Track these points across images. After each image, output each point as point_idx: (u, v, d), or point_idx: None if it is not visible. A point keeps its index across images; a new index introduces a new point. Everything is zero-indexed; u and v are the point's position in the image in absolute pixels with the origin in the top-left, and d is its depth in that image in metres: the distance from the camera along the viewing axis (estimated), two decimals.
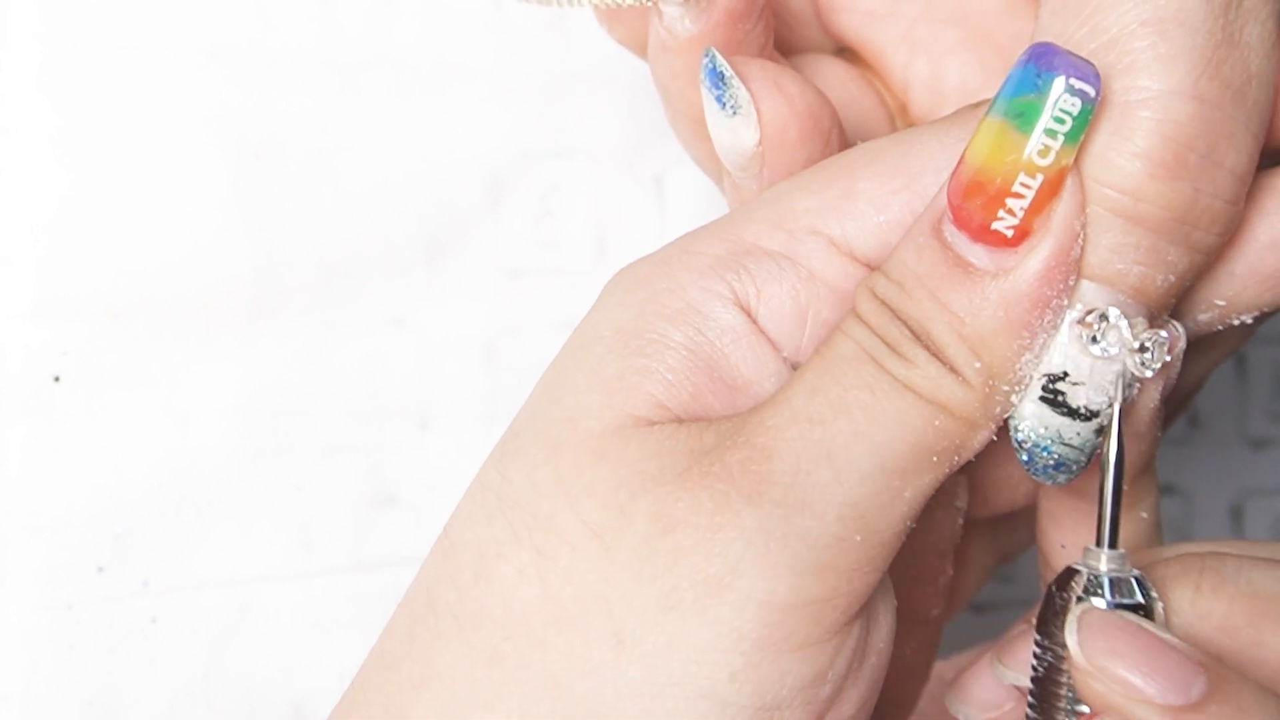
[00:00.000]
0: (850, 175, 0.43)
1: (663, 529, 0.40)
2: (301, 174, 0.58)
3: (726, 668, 0.40)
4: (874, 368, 0.41)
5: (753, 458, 0.40)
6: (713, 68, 0.45)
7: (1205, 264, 0.42)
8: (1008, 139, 0.40)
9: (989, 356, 0.41)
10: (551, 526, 0.41)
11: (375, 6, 0.58)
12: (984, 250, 0.40)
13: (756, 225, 0.43)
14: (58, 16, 0.55)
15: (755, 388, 0.42)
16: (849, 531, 0.40)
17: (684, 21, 0.46)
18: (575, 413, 0.42)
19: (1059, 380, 0.41)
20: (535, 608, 0.41)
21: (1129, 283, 0.41)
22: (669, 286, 0.43)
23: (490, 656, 0.41)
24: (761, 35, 0.47)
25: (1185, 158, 0.40)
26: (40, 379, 0.55)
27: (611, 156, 0.61)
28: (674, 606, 0.40)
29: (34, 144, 0.55)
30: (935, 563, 0.49)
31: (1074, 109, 0.40)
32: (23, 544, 0.55)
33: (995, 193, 0.40)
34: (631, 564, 0.40)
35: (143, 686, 0.57)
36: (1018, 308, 0.41)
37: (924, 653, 0.51)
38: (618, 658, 0.40)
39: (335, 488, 0.59)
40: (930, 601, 0.50)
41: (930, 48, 0.50)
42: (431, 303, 0.59)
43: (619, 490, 0.41)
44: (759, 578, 0.40)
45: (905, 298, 0.41)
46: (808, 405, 0.41)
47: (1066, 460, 0.42)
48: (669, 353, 0.42)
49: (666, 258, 0.43)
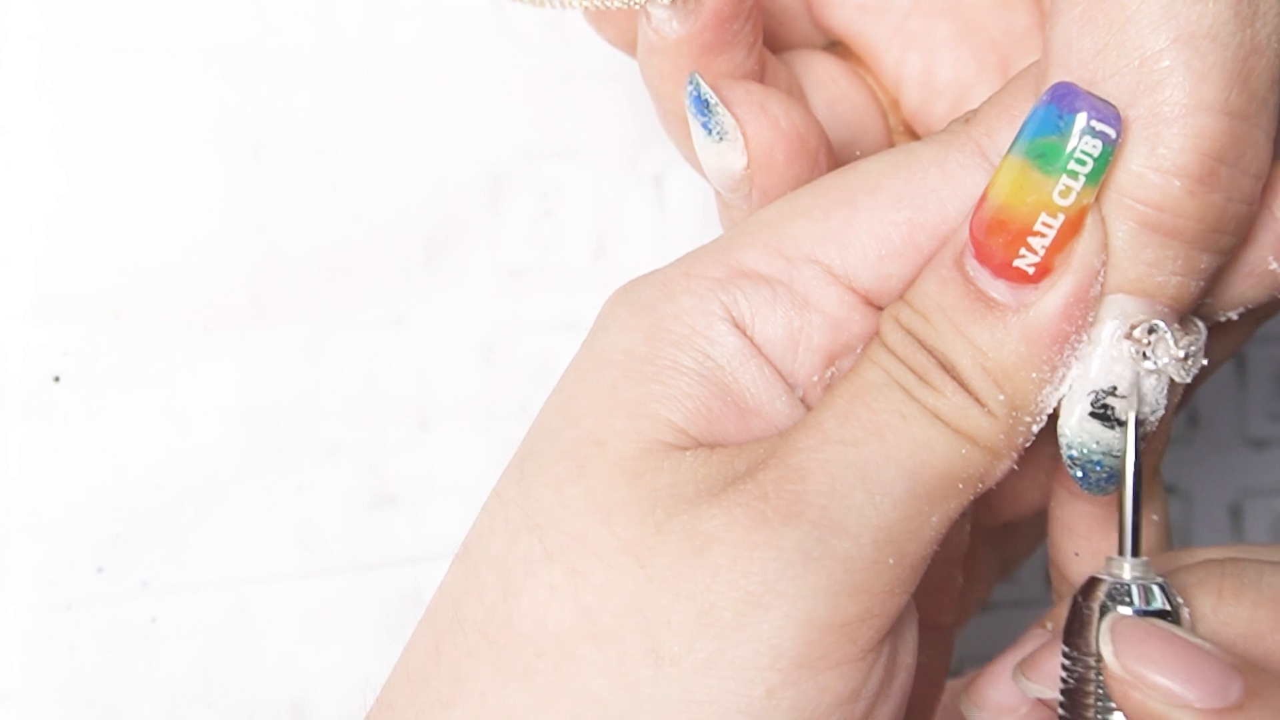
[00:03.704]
0: (850, 204, 0.43)
1: (699, 547, 0.40)
2: (301, 174, 0.57)
3: (764, 685, 0.40)
4: (904, 395, 0.41)
5: (787, 477, 0.41)
6: (697, 95, 0.45)
7: (1225, 263, 0.43)
8: (1030, 179, 0.40)
9: (1011, 389, 0.41)
10: (585, 544, 0.41)
11: (375, 6, 0.58)
12: (1005, 286, 0.41)
13: (755, 250, 0.43)
14: (58, 16, 0.55)
15: (766, 409, 0.43)
16: (882, 554, 0.41)
17: (672, 23, 0.46)
18: (601, 435, 0.42)
19: (1108, 395, 0.42)
20: (569, 625, 0.41)
21: (1168, 294, 0.42)
22: (673, 311, 0.43)
23: (523, 674, 0.41)
24: (750, 35, 0.47)
25: (1217, 171, 0.40)
26: (40, 379, 0.55)
27: (611, 156, 0.61)
28: (712, 624, 0.40)
29: (34, 144, 0.55)
30: (949, 572, 0.49)
31: (1095, 150, 0.40)
32: (23, 544, 0.55)
33: (1017, 231, 0.40)
34: (668, 581, 0.40)
35: (142, 686, 0.57)
36: (1039, 342, 0.41)
37: (939, 660, 0.51)
38: (656, 674, 0.40)
39: (335, 488, 0.59)
40: (944, 610, 0.50)
41: (922, 42, 0.50)
42: (431, 303, 0.59)
43: (655, 510, 0.41)
44: (798, 597, 0.40)
45: (930, 329, 0.42)
46: (840, 429, 0.41)
47: (1118, 471, 0.43)
48: (682, 379, 0.42)
49: (668, 281, 0.43)
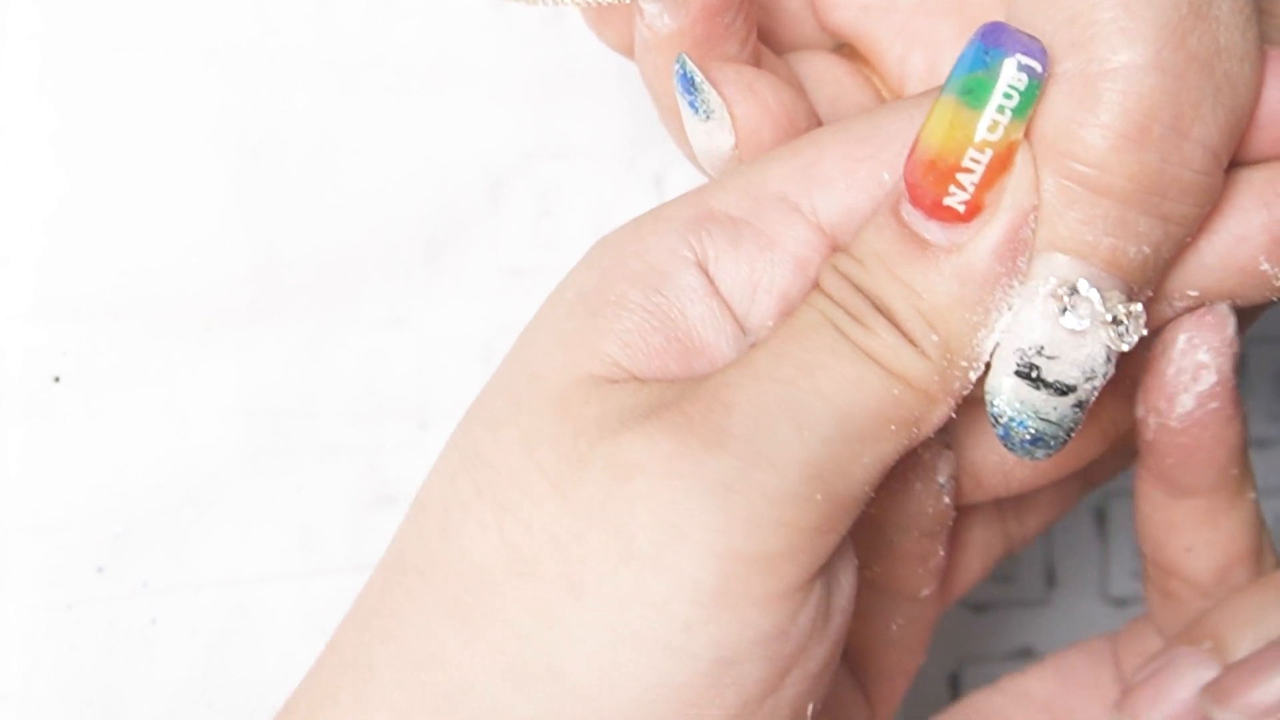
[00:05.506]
0: (819, 145, 0.44)
1: (620, 476, 0.40)
2: (301, 174, 0.57)
3: (683, 619, 0.40)
4: (836, 334, 0.42)
5: (713, 409, 0.41)
6: (683, 73, 0.46)
7: (1184, 236, 0.43)
8: (959, 116, 0.41)
9: (945, 331, 0.42)
10: (511, 478, 0.41)
11: (375, 6, 0.58)
12: (938, 226, 0.41)
13: (726, 193, 0.44)
14: (58, 16, 0.54)
15: (712, 350, 0.43)
16: (809, 490, 0.40)
17: (663, 18, 0.46)
18: (537, 370, 0.42)
19: (1035, 355, 0.42)
20: (495, 559, 0.41)
21: (1101, 255, 0.41)
22: (635, 249, 0.43)
23: (452, 608, 0.41)
24: (743, 29, 0.47)
25: (1149, 128, 0.41)
26: (40, 379, 0.55)
27: (611, 156, 0.61)
28: (631, 556, 0.40)
29: (34, 144, 0.55)
30: (923, 542, 0.49)
31: (1021, 84, 0.40)
32: (22, 544, 0.55)
33: (946, 169, 0.41)
34: (588, 511, 0.40)
35: (142, 687, 0.57)
36: (971, 282, 0.41)
37: (914, 631, 0.51)
38: (575, 607, 0.40)
39: (335, 488, 0.59)
40: (918, 581, 0.49)
41: (926, 40, 0.50)
42: (431, 303, 0.59)
43: (578, 440, 0.41)
44: (718, 529, 0.40)
45: (865, 273, 0.42)
46: (771, 367, 0.41)
47: (1044, 435, 0.42)
48: (626, 313, 0.42)
49: (639, 223, 0.44)
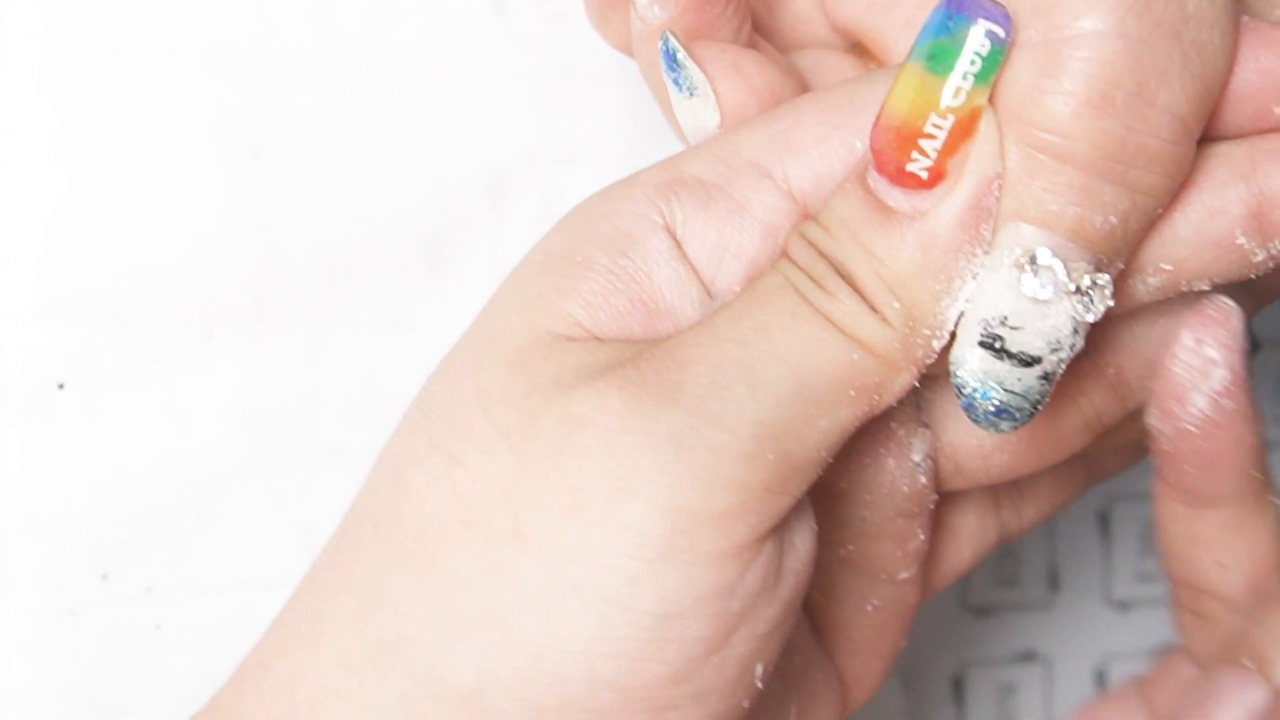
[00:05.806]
0: (796, 113, 0.44)
1: (571, 430, 0.41)
2: (301, 174, 0.57)
3: (627, 572, 0.40)
4: (797, 297, 0.42)
5: (668, 366, 0.41)
6: (666, 49, 0.46)
7: (1154, 207, 0.43)
8: (922, 82, 0.41)
9: (908, 298, 0.42)
10: (464, 432, 0.42)
11: (375, 6, 0.58)
12: (902, 193, 0.41)
13: (699, 158, 0.44)
14: (58, 16, 0.55)
15: (677, 313, 0.43)
16: (761, 450, 0.40)
17: (654, 9, 0.46)
18: (497, 328, 0.43)
19: (999, 325, 0.42)
20: (443, 509, 0.41)
21: (1065, 224, 0.41)
22: (604, 212, 0.44)
23: (400, 558, 0.42)
24: (734, 19, 0.47)
25: (1112, 95, 0.41)
26: (41, 382, 0.55)
27: (611, 157, 0.61)
28: (578, 508, 0.40)
29: (34, 144, 0.55)
30: (899, 523, 0.48)
31: (984, 49, 0.41)
32: (25, 548, 0.55)
33: (909, 134, 0.41)
34: (538, 464, 0.41)
35: (146, 692, 0.56)
36: (934, 249, 0.41)
37: (894, 613, 0.50)
38: (520, 557, 0.40)
39: (337, 490, 0.58)
40: (896, 563, 0.49)
41: None
42: (432, 304, 0.59)
43: (531, 395, 0.41)
44: (666, 485, 0.40)
45: (829, 239, 0.42)
46: (730, 328, 0.42)
47: (1008, 407, 0.42)
48: (591, 274, 0.43)
49: (612, 188, 0.44)
